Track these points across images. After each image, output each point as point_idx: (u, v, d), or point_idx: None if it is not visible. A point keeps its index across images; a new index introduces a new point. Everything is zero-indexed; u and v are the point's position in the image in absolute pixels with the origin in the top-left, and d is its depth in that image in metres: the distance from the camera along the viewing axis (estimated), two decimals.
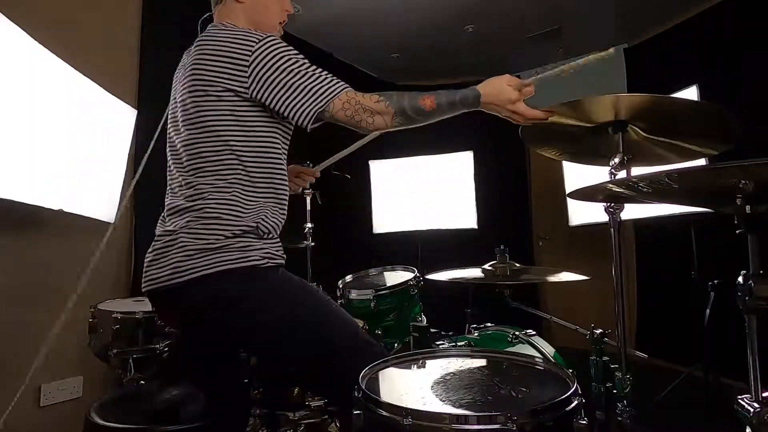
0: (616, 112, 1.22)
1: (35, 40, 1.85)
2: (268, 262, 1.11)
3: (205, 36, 1.17)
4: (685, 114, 1.22)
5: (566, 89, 4.98)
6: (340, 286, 2.19)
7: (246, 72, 1.10)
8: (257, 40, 1.11)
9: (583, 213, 3.53)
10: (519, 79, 1.27)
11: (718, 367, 2.77)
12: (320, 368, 1.14)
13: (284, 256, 1.19)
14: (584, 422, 0.83)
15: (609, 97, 1.18)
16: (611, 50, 1.35)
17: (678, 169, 0.72)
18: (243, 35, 1.12)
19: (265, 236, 1.14)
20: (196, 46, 1.17)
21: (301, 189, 1.79)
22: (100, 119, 2.24)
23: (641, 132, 1.28)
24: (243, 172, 1.13)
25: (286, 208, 1.23)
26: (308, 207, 2.82)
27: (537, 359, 1.16)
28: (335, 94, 1.14)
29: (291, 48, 1.16)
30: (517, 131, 1.42)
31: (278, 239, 1.19)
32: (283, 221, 1.21)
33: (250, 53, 1.10)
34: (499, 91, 1.25)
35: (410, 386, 1.03)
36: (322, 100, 1.12)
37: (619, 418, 1.22)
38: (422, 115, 1.17)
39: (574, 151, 1.52)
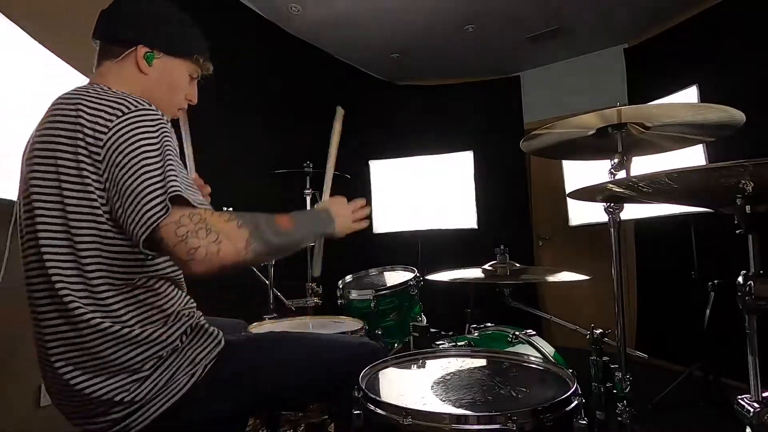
0: (614, 118, 1.23)
1: (35, 40, 1.85)
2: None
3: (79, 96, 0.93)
4: (684, 113, 1.22)
5: (566, 91, 4.99)
6: (340, 286, 2.19)
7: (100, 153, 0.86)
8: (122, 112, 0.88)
9: (583, 213, 3.53)
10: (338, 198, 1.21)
11: (718, 367, 2.77)
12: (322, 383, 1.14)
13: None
14: (584, 422, 0.83)
15: (606, 112, 1.19)
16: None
17: (678, 169, 0.71)
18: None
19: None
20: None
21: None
22: None
23: (641, 129, 1.28)
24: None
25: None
26: (308, 207, 2.82)
27: (537, 359, 1.16)
28: (162, 214, 0.80)
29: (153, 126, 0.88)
30: (517, 132, 1.42)
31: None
32: None
33: (106, 127, 0.86)
34: (340, 207, 1.15)
35: (410, 386, 1.03)
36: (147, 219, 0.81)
37: (619, 418, 1.22)
38: (282, 239, 0.93)
39: (574, 151, 1.52)
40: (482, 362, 1.17)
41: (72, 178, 0.88)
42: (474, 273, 1.57)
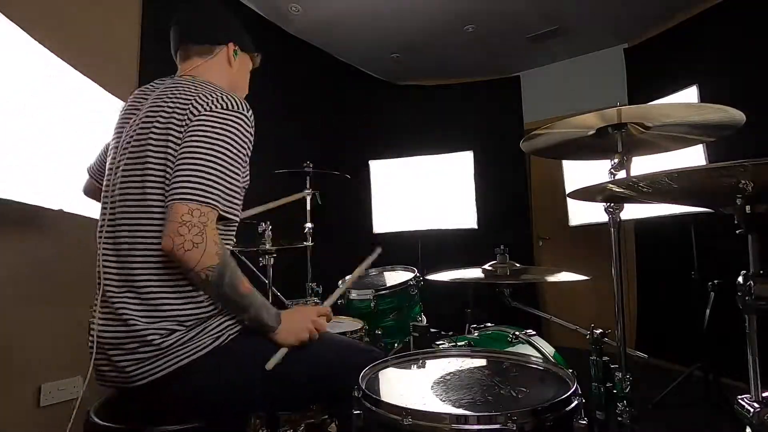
0: (614, 118, 1.23)
1: (35, 39, 1.85)
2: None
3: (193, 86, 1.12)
4: (684, 113, 1.22)
5: (566, 91, 5.00)
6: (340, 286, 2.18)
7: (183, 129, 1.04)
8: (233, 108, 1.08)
9: (583, 213, 3.53)
10: (323, 308, 1.25)
11: (718, 367, 2.77)
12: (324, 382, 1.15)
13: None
14: (584, 422, 0.83)
15: (606, 112, 1.18)
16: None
17: (678, 169, 0.71)
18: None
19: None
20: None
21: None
22: (100, 119, 2.24)
23: (641, 129, 1.28)
24: None
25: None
26: (308, 207, 2.82)
27: (537, 359, 1.16)
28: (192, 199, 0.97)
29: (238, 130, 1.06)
30: (517, 132, 1.42)
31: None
32: None
33: (193, 114, 1.06)
34: (299, 320, 1.15)
35: (410, 386, 1.03)
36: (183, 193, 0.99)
37: (619, 418, 1.22)
38: (233, 291, 1.02)
39: (574, 151, 1.51)
40: (482, 362, 1.17)
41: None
42: (474, 273, 1.57)
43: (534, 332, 1.67)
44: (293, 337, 1.12)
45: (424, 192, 3.72)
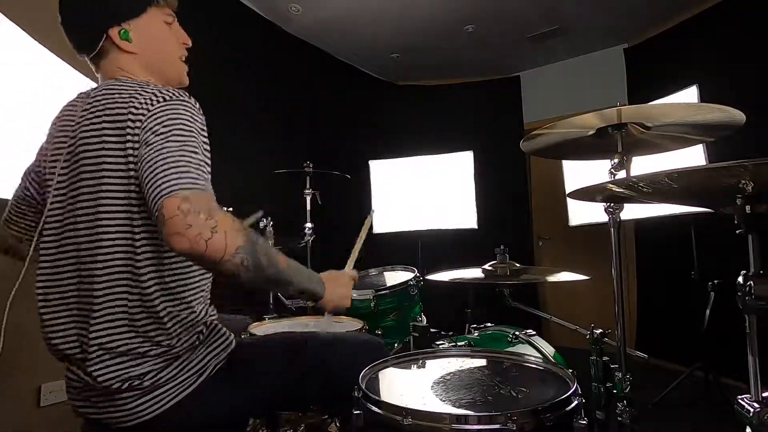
0: (614, 118, 1.23)
1: (35, 39, 1.85)
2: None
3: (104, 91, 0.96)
4: (684, 113, 1.22)
5: (567, 91, 4.99)
6: None
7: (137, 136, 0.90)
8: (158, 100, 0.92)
9: (583, 213, 3.53)
10: (350, 272, 1.21)
11: (718, 367, 2.77)
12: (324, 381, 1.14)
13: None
14: (584, 422, 0.83)
15: (606, 112, 1.18)
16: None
17: (678, 169, 0.71)
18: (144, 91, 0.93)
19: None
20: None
21: None
22: None
23: (641, 129, 1.28)
24: None
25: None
26: (308, 207, 2.82)
27: (537, 359, 1.16)
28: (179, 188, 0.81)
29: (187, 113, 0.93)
30: (517, 132, 1.42)
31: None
32: None
33: (142, 114, 0.91)
34: (341, 283, 1.12)
35: (410, 386, 1.03)
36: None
37: (619, 418, 1.22)
38: (273, 270, 0.90)
39: (575, 151, 1.51)
40: (482, 362, 1.17)
41: (117, 167, 0.91)
42: (474, 273, 1.57)
43: (534, 332, 1.67)
44: (339, 301, 1.09)
45: (424, 192, 3.72)
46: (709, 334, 2.75)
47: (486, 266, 1.57)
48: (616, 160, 1.30)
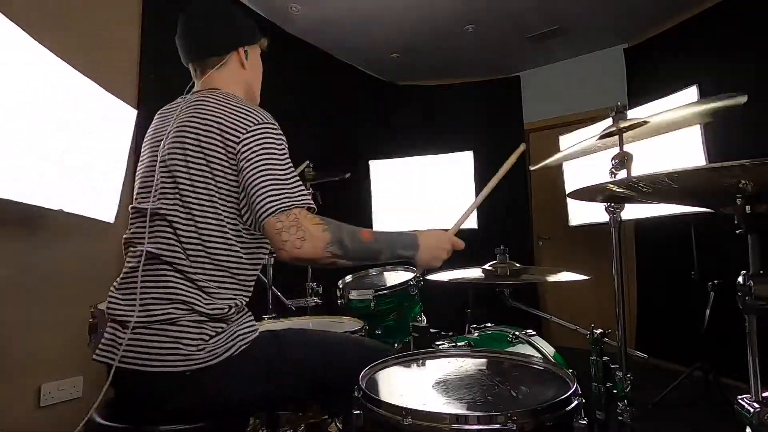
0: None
1: (35, 39, 1.85)
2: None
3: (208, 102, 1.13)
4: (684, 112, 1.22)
5: (567, 91, 4.98)
6: (340, 286, 2.18)
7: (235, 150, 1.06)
8: (256, 121, 1.10)
9: (583, 213, 3.53)
10: (455, 237, 1.32)
11: (718, 367, 2.77)
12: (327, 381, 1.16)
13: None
14: (584, 422, 0.83)
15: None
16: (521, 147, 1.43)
17: (678, 169, 0.71)
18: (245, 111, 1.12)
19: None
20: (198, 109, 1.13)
21: None
22: (100, 119, 2.24)
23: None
24: None
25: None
26: None
27: (537, 359, 1.16)
28: (288, 207, 1.02)
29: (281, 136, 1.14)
30: (517, 132, 1.42)
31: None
32: None
33: (241, 132, 1.08)
34: (438, 245, 1.24)
35: (410, 386, 1.03)
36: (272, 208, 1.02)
37: (620, 418, 1.22)
38: (359, 246, 1.08)
39: (575, 154, 1.52)
40: (482, 362, 1.17)
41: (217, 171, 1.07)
42: (474, 273, 1.56)
43: (534, 332, 1.67)
44: (433, 259, 1.21)
45: (424, 192, 3.72)
46: (709, 334, 2.75)
47: (486, 266, 1.56)
48: (616, 160, 1.30)
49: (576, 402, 0.85)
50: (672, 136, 1.56)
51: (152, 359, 0.99)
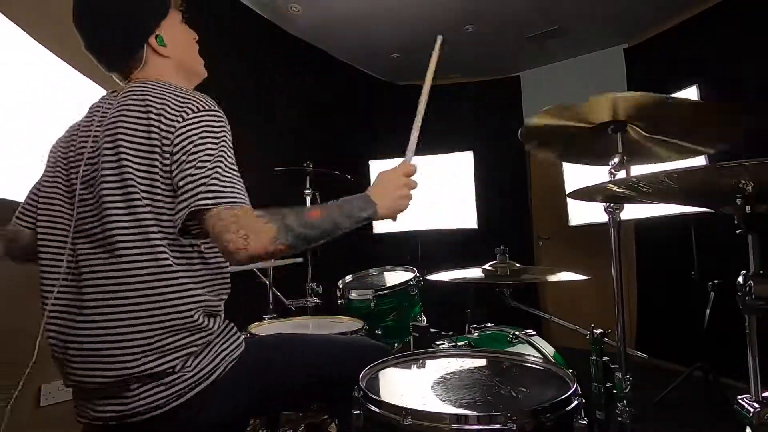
0: (614, 112, 1.22)
1: (35, 39, 1.85)
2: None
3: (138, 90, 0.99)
4: (685, 113, 1.22)
5: (566, 91, 4.99)
6: (340, 286, 2.19)
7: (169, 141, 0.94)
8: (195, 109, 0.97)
9: (583, 213, 3.53)
10: (405, 164, 1.26)
11: (718, 367, 2.76)
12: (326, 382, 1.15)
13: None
14: (584, 422, 0.83)
15: (606, 97, 1.17)
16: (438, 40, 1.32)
17: (678, 169, 0.71)
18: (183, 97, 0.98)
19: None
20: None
21: None
22: None
23: (641, 131, 1.28)
24: None
25: None
26: (306, 205, 2.82)
27: (537, 359, 1.16)
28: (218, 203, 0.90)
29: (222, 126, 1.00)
30: (517, 132, 1.42)
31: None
32: None
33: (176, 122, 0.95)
34: (392, 188, 1.15)
35: (410, 386, 1.03)
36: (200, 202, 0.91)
37: (619, 418, 1.22)
38: (311, 228, 0.97)
39: (574, 152, 1.51)
40: (482, 362, 1.17)
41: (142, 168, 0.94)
42: (474, 273, 1.57)
43: (534, 332, 1.67)
44: (396, 202, 1.14)
45: (424, 192, 3.72)
46: (709, 334, 2.75)
47: (486, 266, 1.57)
48: (616, 160, 1.30)
49: (576, 402, 0.86)
50: None
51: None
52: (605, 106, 1.21)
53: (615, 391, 1.24)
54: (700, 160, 2.68)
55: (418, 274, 2.16)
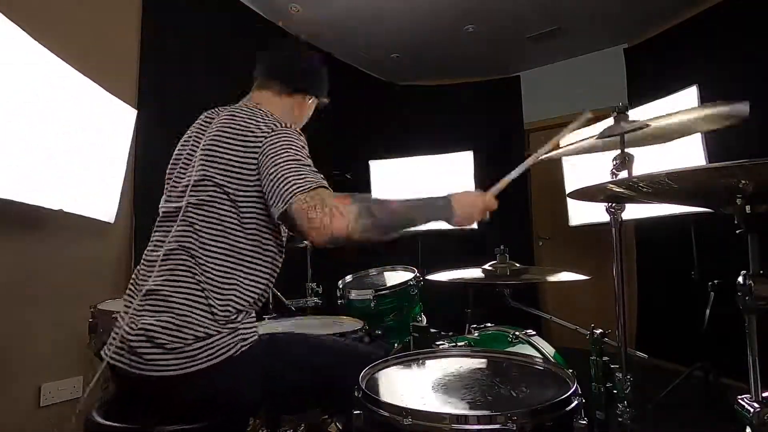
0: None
1: (35, 40, 1.85)
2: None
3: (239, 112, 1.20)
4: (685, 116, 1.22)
5: (567, 91, 4.98)
6: (340, 286, 2.19)
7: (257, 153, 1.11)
8: (273, 127, 1.15)
9: (583, 213, 3.53)
10: (491, 194, 1.35)
11: (718, 367, 2.76)
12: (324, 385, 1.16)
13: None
14: (584, 422, 0.83)
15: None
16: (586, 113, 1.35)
17: (678, 169, 0.71)
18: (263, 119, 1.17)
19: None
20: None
21: None
22: (100, 119, 2.24)
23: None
24: None
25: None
26: None
27: (537, 359, 1.16)
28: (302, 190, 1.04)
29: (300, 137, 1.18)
30: (516, 131, 1.42)
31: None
32: None
33: (264, 136, 1.13)
34: (472, 207, 1.26)
35: (410, 386, 1.03)
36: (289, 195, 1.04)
37: (619, 419, 1.22)
38: (390, 216, 1.08)
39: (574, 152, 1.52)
40: (482, 362, 1.17)
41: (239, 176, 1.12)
42: (474, 273, 1.57)
43: (534, 332, 1.67)
44: (466, 219, 1.22)
45: (424, 192, 3.72)
46: (709, 334, 2.75)
47: (486, 266, 1.57)
48: (617, 161, 1.30)
49: (576, 402, 0.85)
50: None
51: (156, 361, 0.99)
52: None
53: (615, 391, 1.24)
54: (699, 153, 2.68)
55: (418, 274, 2.16)
